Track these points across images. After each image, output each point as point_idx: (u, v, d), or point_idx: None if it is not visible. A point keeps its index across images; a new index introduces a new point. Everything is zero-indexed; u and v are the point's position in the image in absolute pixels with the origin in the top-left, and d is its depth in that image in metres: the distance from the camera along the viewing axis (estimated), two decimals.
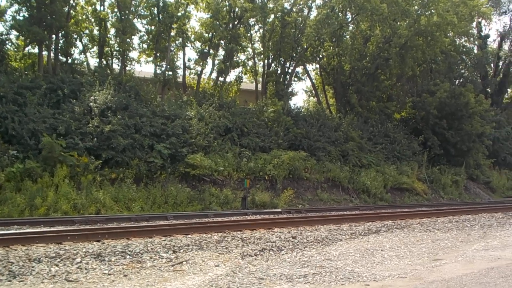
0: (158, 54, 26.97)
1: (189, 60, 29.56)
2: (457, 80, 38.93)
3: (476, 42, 40.12)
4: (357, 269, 8.15)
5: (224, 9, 27.69)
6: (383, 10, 26.90)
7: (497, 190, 35.44)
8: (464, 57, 38.71)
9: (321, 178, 24.32)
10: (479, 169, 35.45)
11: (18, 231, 10.86)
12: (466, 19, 32.21)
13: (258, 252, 9.48)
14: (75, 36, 24.71)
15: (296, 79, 33.35)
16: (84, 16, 25.64)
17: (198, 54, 28.54)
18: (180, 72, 27.90)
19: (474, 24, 38.52)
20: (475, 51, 40.22)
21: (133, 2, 25.47)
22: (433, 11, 30.19)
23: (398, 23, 30.46)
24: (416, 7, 30.64)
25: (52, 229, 11.52)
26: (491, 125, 34.80)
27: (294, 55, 30.08)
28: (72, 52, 24.90)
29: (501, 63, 43.29)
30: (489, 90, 41.95)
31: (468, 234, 12.88)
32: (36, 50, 23.63)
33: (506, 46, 43.65)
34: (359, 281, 7.30)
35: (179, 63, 28.26)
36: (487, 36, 42.23)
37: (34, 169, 16.79)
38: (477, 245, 11.04)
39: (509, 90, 46.12)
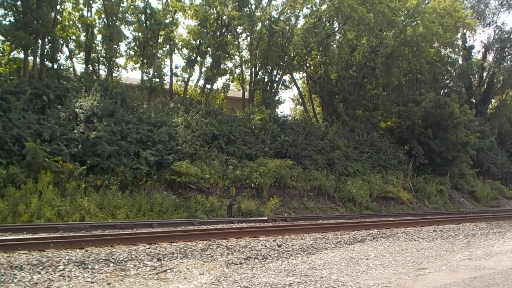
0: (145, 61, 26.89)
1: (176, 67, 29.60)
2: (442, 90, 39.40)
3: (461, 53, 40.65)
4: (342, 278, 8.16)
5: (212, 17, 27.74)
6: (369, 20, 27.17)
7: (481, 200, 35.75)
8: (449, 67, 39.21)
9: (307, 187, 24.35)
10: (463, 179, 35.79)
11: (0, 238, 10.70)
12: (451, 30, 32.64)
13: (243, 260, 9.44)
14: (62, 42, 24.59)
15: (283, 87, 33.55)
16: (70, 22, 25.50)
17: (186, 61, 28.57)
18: (167, 79, 27.92)
19: (459, 35, 39.01)
20: (460, 61, 40.78)
21: (120, 9, 25.44)
22: (418, 21, 30.55)
23: (385, 33, 30.76)
24: (402, 17, 30.96)
25: (35, 236, 11.37)
26: (476, 135, 35.18)
27: (281, 63, 30.21)
28: (58, 57, 24.87)
29: (485, 73, 43.92)
30: (474, 101, 42.53)
31: (452, 244, 12.96)
32: (21, 55, 23.45)
33: (490, 57, 44.37)
34: None
35: (166, 70, 28.34)
36: (472, 47, 42.87)
37: (17, 175, 16.58)
38: (461, 254, 11.11)
39: (493, 100, 46.75)
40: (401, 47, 30.81)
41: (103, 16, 25.17)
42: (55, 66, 24.39)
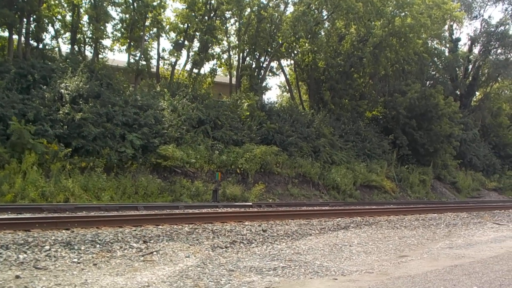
0: (132, 43, 26.68)
1: (163, 50, 29.41)
2: (428, 82, 39.70)
3: (447, 45, 40.95)
4: (326, 263, 8.28)
5: (200, 0, 27.53)
6: (358, 9, 27.22)
7: (462, 191, 36.31)
8: (435, 59, 39.45)
9: (292, 173, 24.50)
10: (446, 169, 36.27)
11: None
12: (439, 22, 32.89)
13: (229, 244, 9.52)
14: (47, 21, 24.19)
15: (270, 74, 33.56)
16: (56, 1, 25.10)
17: (173, 45, 28.39)
18: (154, 62, 27.78)
19: (446, 27, 39.32)
20: (446, 53, 41.02)
21: None
22: (407, 12, 30.69)
23: (373, 23, 30.84)
24: (391, 8, 31.09)
25: (20, 216, 11.33)
26: (459, 126, 35.58)
27: (269, 50, 30.15)
28: (44, 37, 24.41)
29: (470, 66, 44.33)
30: (459, 92, 42.94)
31: (434, 232, 13.18)
32: (6, 34, 23.06)
33: (476, 50, 44.78)
34: (327, 275, 7.41)
35: (153, 53, 28.18)
36: (458, 39, 43.20)
37: (1, 155, 16.47)
38: (442, 243, 11.31)
39: (477, 93, 47.29)
40: (389, 38, 30.92)
41: None
42: (40, 45, 24.03)
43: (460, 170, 38.95)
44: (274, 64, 33.49)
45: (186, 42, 28.30)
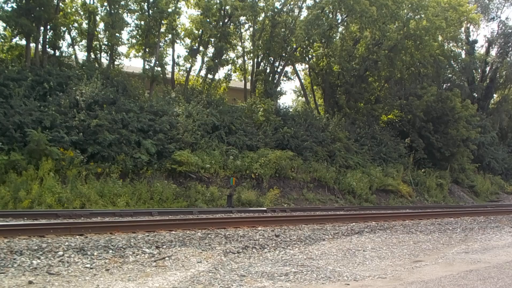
0: (147, 50, 26.85)
1: (178, 56, 29.58)
2: (444, 85, 39.34)
3: (464, 47, 40.56)
4: (338, 268, 8.22)
5: (215, 6, 27.65)
6: (372, 12, 27.07)
7: (480, 194, 35.84)
8: (452, 61, 39.07)
9: (307, 178, 24.42)
10: (463, 173, 35.85)
11: (1, 223, 10.77)
12: (455, 24, 32.58)
13: (241, 249, 9.51)
14: (64, 29, 24.51)
15: (285, 78, 33.53)
16: (73, 9, 25.45)
17: (188, 51, 28.55)
18: (169, 68, 27.94)
19: (462, 30, 38.97)
20: (463, 56, 40.62)
21: None
22: (422, 15, 30.47)
23: (388, 26, 30.66)
24: (405, 10, 30.90)
25: (35, 222, 11.46)
26: (477, 130, 35.16)
27: (284, 54, 30.15)
28: (60, 45, 24.77)
29: (488, 68, 43.80)
30: (476, 95, 42.45)
31: (450, 237, 13.02)
32: (23, 42, 23.41)
33: (493, 52, 44.21)
34: (340, 280, 7.36)
35: (168, 59, 28.24)
36: (475, 41, 42.72)
37: (19, 162, 16.68)
38: (458, 247, 11.16)
39: (495, 95, 46.70)
40: (404, 40, 30.74)
41: (105, 3, 25.07)
42: (57, 53, 24.39)
43: (478, 174, 38.46)
44: (288, 68, 33.55)
45: (200, 48, 28.45)
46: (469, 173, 36.61)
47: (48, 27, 23.32)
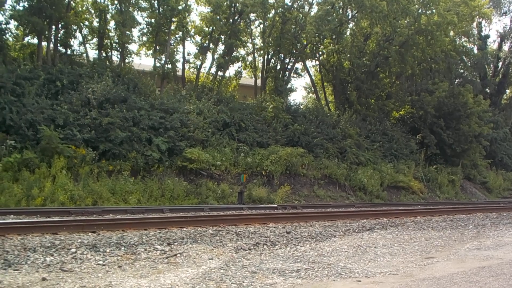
0: (157, 47, 26.95)
1: (188, 54, 29.75)
2: (456, 80, 39.06)
3: (476, 43, 40.23)
4: (350, 265, 8.22)
5: (225, 3, 27.63)
6: (382, 8, 26.91)
7: (493, 191, 35.58)
8: (463, 57, 38.78)
9: (318, 175, 24.39)
10: (476, 169, 35.58)
11: (14, 220, 10.90)
12: (467, 19, 32.32)
13: (252, 246, 9.53)
14: (75, 28, 24.67)
15: (295, 75, 33.54)
16: (84, 8, 25.63)
17: (198, 48, 28.59)
18: (179, 65, 28.00)
19: (474, 25, 38.64)
20: (475, 51, 40.31)
21: None
22: (433, 10, 30.28)
23: (399, 21, 30.47)
24: (416, 6, 30.69)
25: (48, 219, 11.56)
26: (489, 125, 34.86)
27: (294, 51, 30.11)
28: (72, 43, 24.98)
29: (500, 63, 43.42)
30: (488, 91, 42.11)
31: (462, 233, 12.95)
32: (35, 41, 23.61)
33: (506, 47, 43.82)
34: (351, 277, 7.36)
35: (179, 56, 28.28)
36: (487, 36, 42.35)
37: (31, 160, 16.82)
38: (470, 244, 11.10)
39: (507, 91, 46.28)
40: (415, 36, 30.51)
41: (116, 2, 25.18)
42: (69, 51, 24.56)
43: (490, 170, 38.16)
44: (299, 65, 33.47)
45: (211, 45, 28.47)
46: (481, 169, 36.33)
47: (60, 25, 23.52)
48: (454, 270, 7.92)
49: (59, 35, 23.58)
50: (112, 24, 25.74)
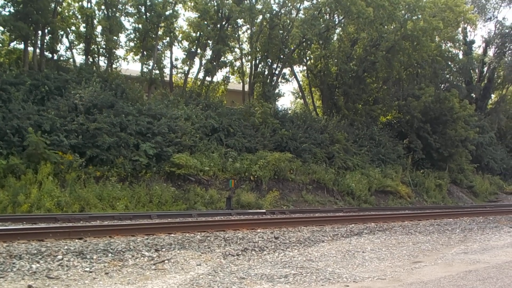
0: (145, 53, 26.89)
1: (176, 59, 29.62)
2: (442, 85, 39.35)
3: (461, 48, 40.59)
4: (338, 270, 8.24)
5: (212, 9, 27.67)
6: (369, 13, 27.06)
7: (480, 195, 35.84)
8: (449, 62, 39.11)
9: (306, 180, 24.40)
10: (462, 174, 35.83)
11: (0, 227, 10.78)
12: (452, 25, 32.69)
13: (240, 252, 9.52)
14: (61, 33, 24.49)
15: (283, 80, 33.51)
16: (70, 13, 25.44)
17: (186, 53, 28.56)
18: (167, 71, 27.99)
19: (459, 30, 39.02)
20: (461, 56, 40.69)
21: (120, 0, 25.36)
22: (419, 16, 30.56)
23: (385, 27, 30.71)
24: (402, 11, 30.93)
25: (34, 226, 11.45)
26: (475, 130, 35.18)
27: (282, 56, 30.18)
28: (58, 48, 24.80)
29: (485, 68, 43.90)
30: (474, 96, 42.53)
31: (449, 238, 13.04)
32: (21, 46, 23.40)
33: (490, 52, 44.32)
34: (339, 282, 7.38)
35: (166, 62, 28.35)
36: (472, 42, 42.80)
37: (17, 166, 16.65)
38: (457, 248, 11.19)
39: (493, 95, 46.80)
40: (401, 41, 30.78)
41: (103, 7, 25.10)
42: (55, 57, 24.40)
43: (477, 174, 38.45)
44: (286, 70, 33.51)
45: (198, 51, 28.45)
46: (467, 174, 36.60)
47: (46, 31, 23.34)
48: (441, 274, 7.97)
49: (45, 40, 23.40)
50: (99, 29, 25.67)
